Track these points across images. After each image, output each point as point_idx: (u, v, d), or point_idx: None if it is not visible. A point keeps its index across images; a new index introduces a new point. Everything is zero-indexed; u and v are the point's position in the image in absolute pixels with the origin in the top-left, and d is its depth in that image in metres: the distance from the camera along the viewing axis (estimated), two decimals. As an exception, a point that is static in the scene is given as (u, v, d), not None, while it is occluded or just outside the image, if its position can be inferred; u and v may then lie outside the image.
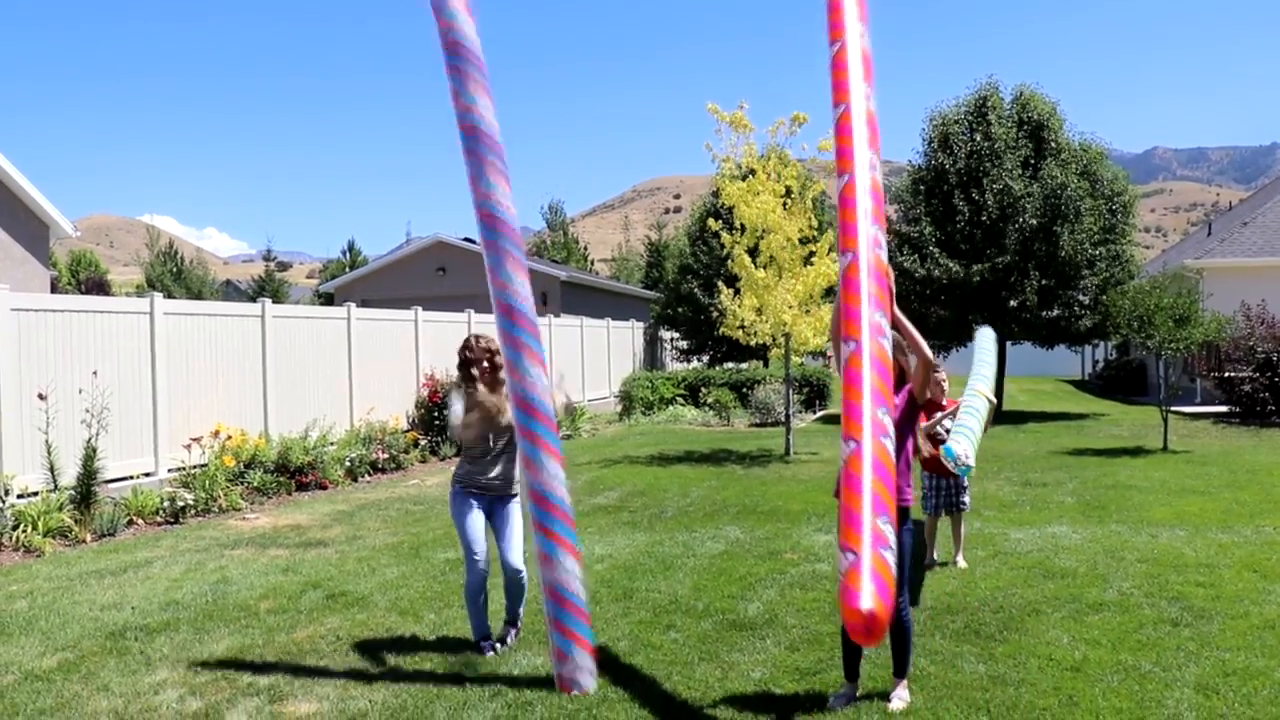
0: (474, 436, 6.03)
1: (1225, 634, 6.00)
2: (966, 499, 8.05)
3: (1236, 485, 11.73)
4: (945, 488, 7.95)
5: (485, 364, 6.07)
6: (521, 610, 6.24)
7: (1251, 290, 22.11)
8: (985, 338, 8.52)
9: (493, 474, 6.08)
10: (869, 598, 4.18)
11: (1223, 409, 21.49)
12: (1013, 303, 21.90)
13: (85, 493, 9.98)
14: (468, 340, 6.18)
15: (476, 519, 6.03)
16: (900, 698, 4.99)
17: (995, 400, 7.57)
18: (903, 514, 4.93)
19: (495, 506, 6.10)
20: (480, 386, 6.05)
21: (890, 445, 4.67)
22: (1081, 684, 5.19)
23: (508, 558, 6.02)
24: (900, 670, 5.10)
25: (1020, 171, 22.17)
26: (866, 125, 5.31)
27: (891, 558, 4.40)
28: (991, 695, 5.06)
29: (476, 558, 5.93)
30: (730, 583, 7.46)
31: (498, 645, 6.02)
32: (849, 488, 4.59)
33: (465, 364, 6.12)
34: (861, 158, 5.23)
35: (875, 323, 4.92)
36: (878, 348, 4.82)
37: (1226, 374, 20.86)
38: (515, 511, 6.12)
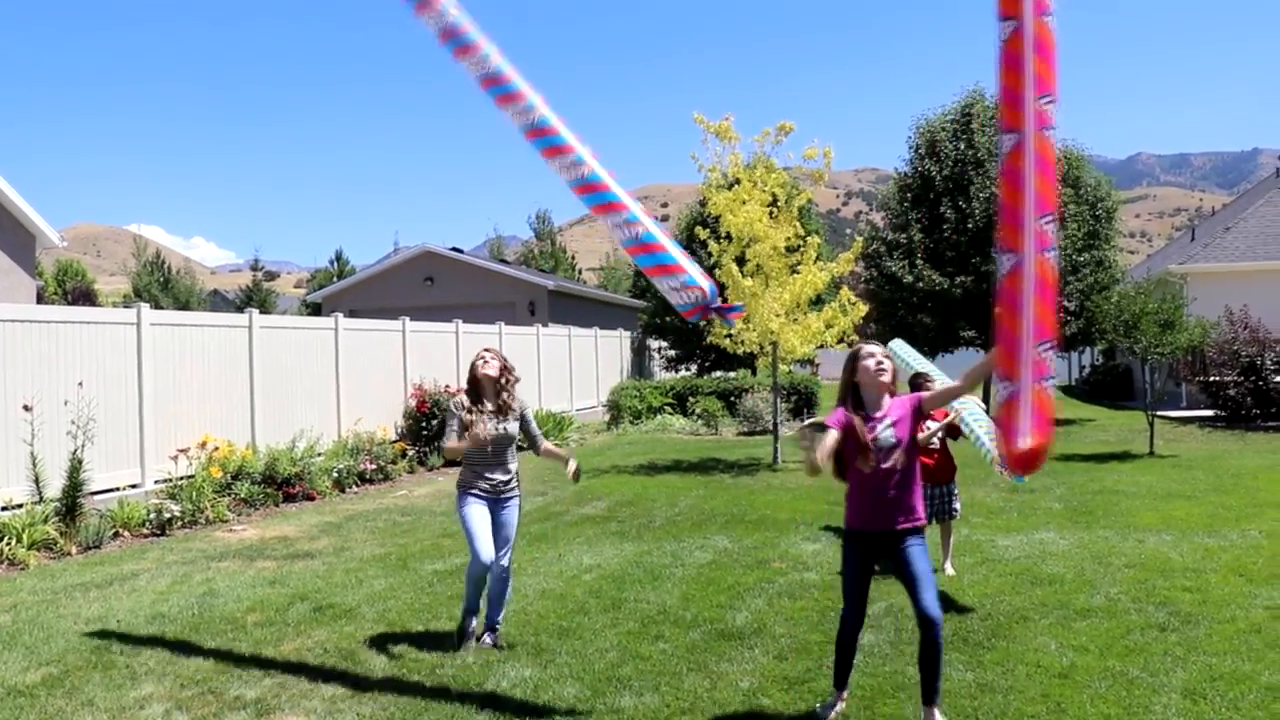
0: (475, 443, 6.22)
1: (1212, 638, 6.01)
2: (957, 506, 8.06)
3: (1222, 489, 11.77)
4: (936, 495, 7.96)
5: (498, 389, 6.34)
6: (501, 617, 6.33)
7: (1235, 295, 22.21)
8: (903, 347, 8.77)
9: (495, 479, 6.31)
10: (1027, 435, 4.02)
11: (1208, 413, 21.58)
12: (998, 309, 21.95)
13: (71, 505, 9.92)
14: (482, 358, 6.38)
15: (481, 512, 6.26)
16: None
17: (983, 405, 7.61)
18: (917, 531, 4.84)
19: (496, 507, 6.31)
20: (484, 414, 6.25)
21: (1054, 262, 4.29)
22: (1069, 690, 5.20)
23: (497, 556, 6.18)
24: (929, 696, 4.72)
25: (1005, 179, 22.26)
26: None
27: (1051, 389, 4.16)
28: (980, 703, 5.07)
29: (479, 548, 6.13)
30: (718, 592, 7.46)
31: (482, 637, 6.22)
32: (1007, 308, 4.23)
33: (474, 386, 6.36)
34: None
35: (1042, 111, 4.33)
36: (1042, 143, 4.33)
37: (1211, 378, 20.95)
38: (513, 513, 6.36)
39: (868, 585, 4.97)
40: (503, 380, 6.37)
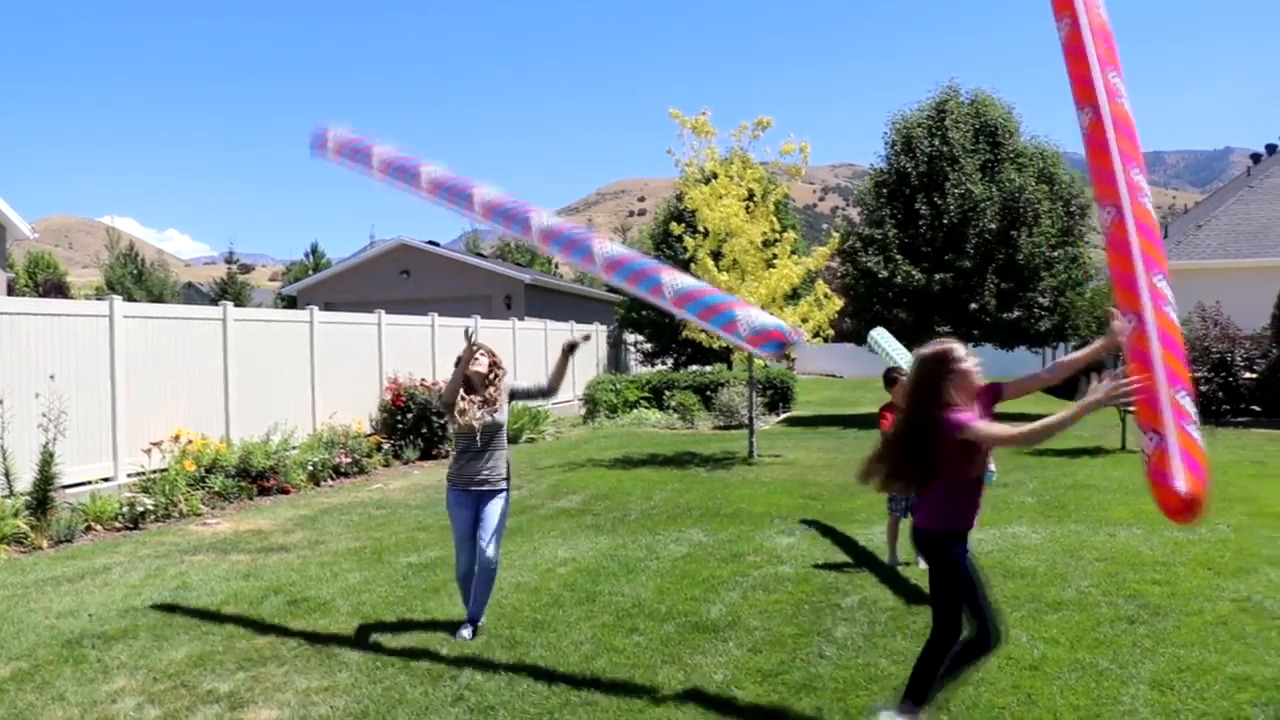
0: (463, 427, 6.35)
1: (1180, 630, 6.08)
2: None
3: (1193, 484, 11.86)
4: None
5: (486, 383, 6.47)
6: (482, 610, 6.38)
7: (1207, 292, 22.41)
8: (884, 336, 8.62)
9: (481, 471, 6.36)
10: (1182, 478, 4.11)
11: (1180, 409, 21.72)
12: (973, 306, 22.07)
13: (42, 498, 9.85)
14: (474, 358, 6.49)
15: (462, 515, 6.40)
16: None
17: None
18: (962, 537, 4.65)
19: (481, 501, 6.38)
20: (474, 401, 6.40)
21: (1173, 315, 4.47)
22: (1040, 682, 5.25)
23: (481, 544, 6.28)
24: (918, 694, 4.61)
25: (980, 175, 22.38)
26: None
27: (1197, 433, 4.25)
28: (951, 694, 5.10)
29: (459, 550, 6.46)
30: (693, 585, 7.48)
31: (460, 630, 6.30)
32: (1138, 363, 4.37)
33: (466, 380, 6.47)
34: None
35: (1134, 182, 4.62)
36: (1139, 209, 4.56)
37: (1183, 375, 21.12)
38: (499, 504, 6.41)
39: None
40: (491, 375, 6.51)
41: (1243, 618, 6.35)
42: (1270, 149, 38.52)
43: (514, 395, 6.69)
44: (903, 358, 8.02)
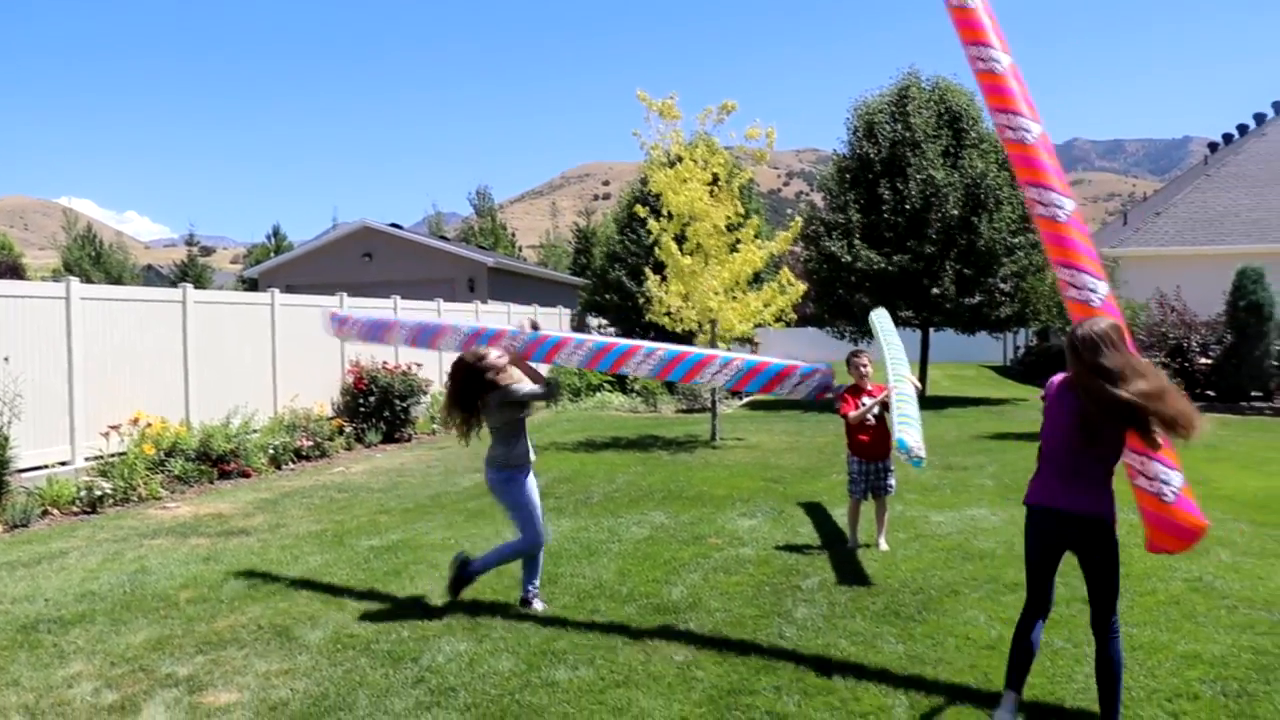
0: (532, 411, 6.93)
1: (1132, 610, 6.18)
2: (892, 482, 8.19)
3: (1148, 468, 12.01)
4: (871, 471, 8.08)
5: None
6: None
7: (1165, 278, 22.67)
8: (883, 318, 8.63)
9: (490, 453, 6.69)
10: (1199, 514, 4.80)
11: (1137, 394, 21.97)
12: (935, 290, 22.21)
13: (-3, 482, 9.74)
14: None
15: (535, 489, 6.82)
16: None
17: (919, 385, 7.60)
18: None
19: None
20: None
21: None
22: (997, 662, 5.31)
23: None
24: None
25: (942, 161, 22.50)
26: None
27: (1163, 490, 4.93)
28: (910, 674, 5.16)
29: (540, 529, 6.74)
30: (654, 567, 7.51)
31: (532, 604, 6.59)
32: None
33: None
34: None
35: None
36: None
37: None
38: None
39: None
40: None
41: (1194, 597, 6.46)
42: (1227, 138, 39.00)
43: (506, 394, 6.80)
44: (895, 348, 7.89)
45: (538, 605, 6.50)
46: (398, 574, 7.41)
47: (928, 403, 21.93)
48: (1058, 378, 4.60)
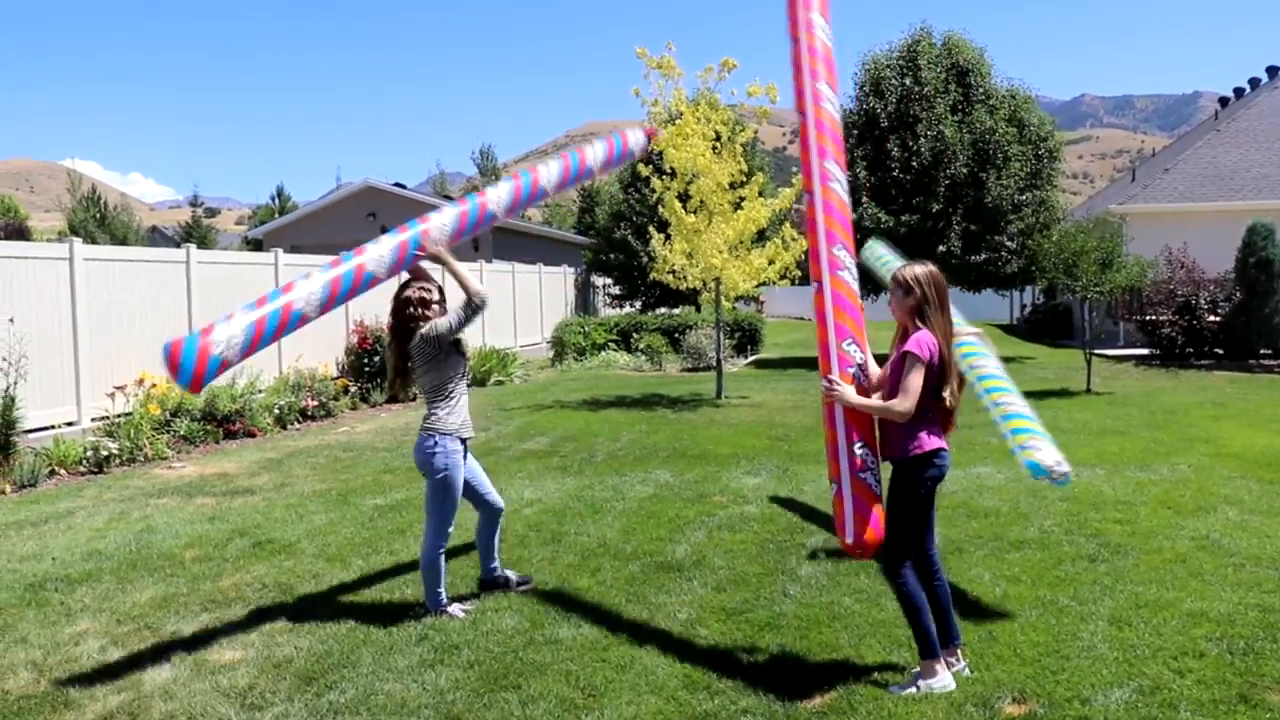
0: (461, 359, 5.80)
1: (1139, 568, 6.16)
2: None
3: (1154, 425, 12.01)
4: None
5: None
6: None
7: (1173, 235, 22.52)
8: (879, 249, 7.08)
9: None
10: (850, 531, 4.60)
11: (1144, 351, 21.95)
12: (941, 248, 22.08)
13: (3, 443, 9.76)
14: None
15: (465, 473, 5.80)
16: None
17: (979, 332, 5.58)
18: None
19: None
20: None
21: (850, 280, 5.00)
22: (1001, 620, 5.31)
23: (493, 493, 6.02)
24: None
25: (951, 117, 22.29)
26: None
27: (872, 480, 4.63)
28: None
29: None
30: (659, 526, 7.51)
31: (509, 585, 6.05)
32: (820, 321, 5.00)
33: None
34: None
35: (825, 170, 5.32)
36: (828, 192, 5.28)
37: (1148, 317, 21.30)
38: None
39: None
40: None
41: (1200, 555, 6.43)
42: (1238, 93, 38.59)
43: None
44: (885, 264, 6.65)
45: (510, 576, 6.05)
46: (401, 533, 7.42)
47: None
48: (929, 336, 4.57)
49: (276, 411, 13.21)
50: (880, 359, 4.90)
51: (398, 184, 33.31)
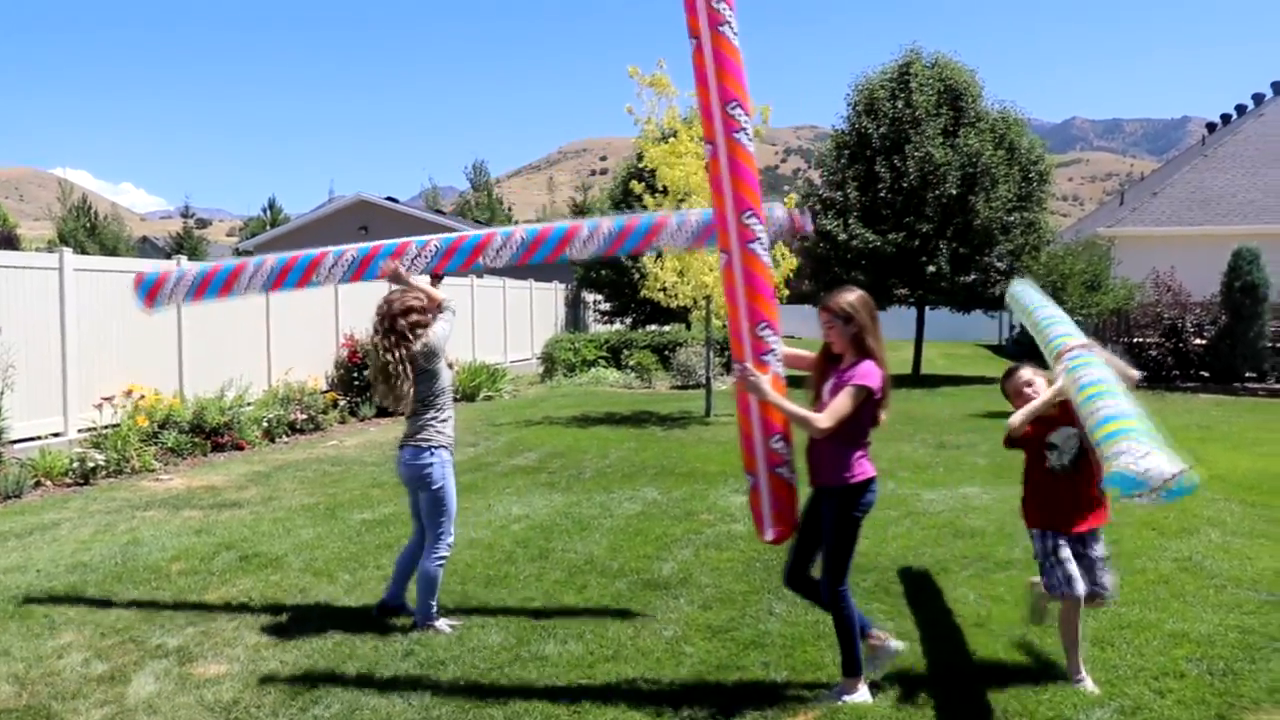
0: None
1: (1122, 589, 6.17)
2: (1107, 580, 4.95)
3: (1140, 448, 12.03)
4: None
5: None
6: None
7: (1160, 258, 22.66)
8: (1024, 292, 6.09)
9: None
10: (769, 528, 4.73)
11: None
12: (930, 269, 22.19)
13: (-10, 453, 9.74)
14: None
15: None
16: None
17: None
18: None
19: None
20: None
21: (762, 253, 4.77)
22: (984, 638, 5.35)
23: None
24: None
25: (941, 139, 22.42)
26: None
27: (787, 474, 4.69)
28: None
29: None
30: (646, 543, 7.52)
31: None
32: (729, 300, 4.83)
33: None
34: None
35: (731, 118, 4.72)
36: (734, 146, 4.72)
37: (1135, 340, 21.41)
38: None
39: None
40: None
41: (1183, 576, 6.48)
42: (1225, 119, 38.91)
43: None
44: (1044, 312, 5.59)
45: (409, 606, 5.83)
46: (389, 547, 7.42)
47: (923, 381, 21.96)
48: (874, 367, 4.54)
49: (265, 424, 13.19)
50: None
51: (390, 198, 33.36)
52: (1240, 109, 37.50)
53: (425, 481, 5.59)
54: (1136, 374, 4.89)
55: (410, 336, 5.58)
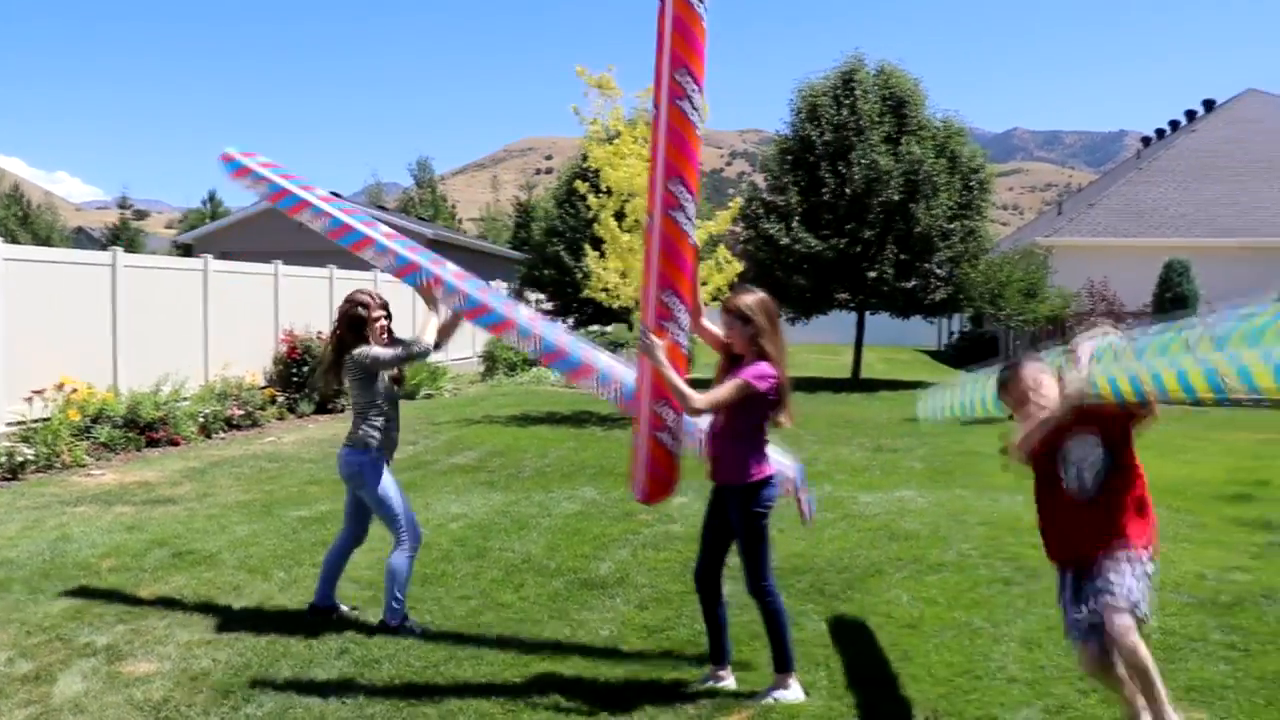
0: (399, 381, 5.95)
1: (1052, 591, 6.27)
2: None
3: (1072, 453, 12.25)
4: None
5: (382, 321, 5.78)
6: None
7: (1095, 268, 23.11)
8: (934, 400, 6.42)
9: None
10: (641, 487, 5.02)
11: (1066, 381, 22.39)
12: (871, 274, 22.41)
13: (-86, 446, 9.52)
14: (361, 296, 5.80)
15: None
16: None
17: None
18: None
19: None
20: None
21: (685, 223, 4.80)
22: (916, 640, 5.42)
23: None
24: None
25: (884, 146, 22.66)
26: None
27: (669, 440, 4.86)
28: (831, 652, 5.25)
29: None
30: (584, 542, 7.54)
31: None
32: (645, 266, 5.00)
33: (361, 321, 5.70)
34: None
35: (675, 83, 4.69)
36: (673, 111, 4.70)
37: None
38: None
39: None
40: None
41: (1110, 580, 6.60)
42: (1160, 133, 39.73)
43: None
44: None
45: (343, 608, 5.83)
46: (325, 544, 7.30)
47: (862, 385, 22.17)
48: (769, 368, 4.60)
49: (201, 420, 13.02)
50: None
51: (334, 193, 32.88)
52: (1174, 124, 38.30)
53: (358, 480, 5.62)
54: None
55: (352, 339, 5.64)
